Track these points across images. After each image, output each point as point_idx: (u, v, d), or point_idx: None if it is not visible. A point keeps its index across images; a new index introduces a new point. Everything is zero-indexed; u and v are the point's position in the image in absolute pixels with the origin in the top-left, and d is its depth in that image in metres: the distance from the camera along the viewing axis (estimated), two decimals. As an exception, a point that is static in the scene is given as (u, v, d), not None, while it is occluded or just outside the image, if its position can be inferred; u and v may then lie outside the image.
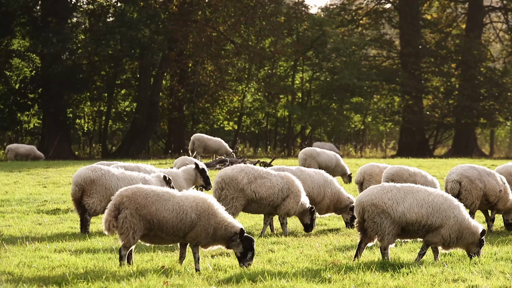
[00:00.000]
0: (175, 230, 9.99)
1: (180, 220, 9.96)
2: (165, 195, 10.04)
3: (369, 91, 54.64)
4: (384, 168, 17.39)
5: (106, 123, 52.84)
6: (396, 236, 10.69)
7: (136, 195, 9.90)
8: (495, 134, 67.68)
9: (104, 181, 13.77)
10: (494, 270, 10.08)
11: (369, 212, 10.60)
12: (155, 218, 9.88)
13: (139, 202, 9.87)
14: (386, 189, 10.67)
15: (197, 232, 10.05)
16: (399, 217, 10.51)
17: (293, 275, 9.63)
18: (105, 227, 9.94)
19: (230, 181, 13.48)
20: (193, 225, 10.03)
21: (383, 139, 69.43)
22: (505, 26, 60.40)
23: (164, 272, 9.82)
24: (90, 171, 13.88)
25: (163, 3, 48.85)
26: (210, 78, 50.15)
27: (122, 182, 13.84)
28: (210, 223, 10.09)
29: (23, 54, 48.02)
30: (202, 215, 10.06)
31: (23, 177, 25.60)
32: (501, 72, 56.51)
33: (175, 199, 10.05)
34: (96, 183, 13.69)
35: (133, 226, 9.81)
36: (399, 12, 57.63)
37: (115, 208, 9.90)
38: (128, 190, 10.03)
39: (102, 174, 13.82)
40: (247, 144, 59.40)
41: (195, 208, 10.06)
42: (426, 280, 9.53)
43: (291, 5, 53.41)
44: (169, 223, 9.92)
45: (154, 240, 10.20)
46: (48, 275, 9.57)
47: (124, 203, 9.86)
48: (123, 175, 14.05)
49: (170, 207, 9.97)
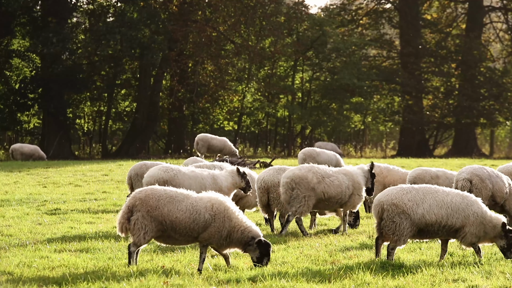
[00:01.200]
0: (188, 231, 10.01)
1: (193, 221, 9.98)
2: (179, 196, 10.07)
3: (369, 91, 54.62)
4: (384, 168, 17.38)
5: (106, 123, 52.83)
6: (411, 237, 10.72)
7: (148, 197, 9.94)
8: (495, 134, 67.66)
9: (177, 181, 13.98)
10: (494, 270, 10.08)
11: (389, 212, 10.60)
12: (167, 219, 9.91)
13: (151, 204, 9.90)
14: (405, 190, 10.70)
15: (210, 233, 10.06)
16: (418, 219, 10.53)
17: (293, 275, 9.63)
18: (119, 228, 10.00)
19: (300, 180, 13.62)
20: (206, 226, 10.04)
21: (383, 139, 69.42)
22: (505, 26, 60.39)
23: (164, 272, 9.82)
24: (162, 171, 14.13)
25: (163, 3, 48.85)
26: (210, 78, 50.15)
27: (194, 181, 14.08)
28: (225, 225, 10.09)
29: (23, 54, 48.02)
30: (217, 217, 10.07)
31: (23, 177, 25.60)
32: (501, 72, 56.49)
33: (189, 200, 10.08)
34: (169, 183, 13.83)
35: (144, 227, 9.86)
36: (399, 12, 57.62)
37: (128, 210, 9.97)
38: (141, 192, 10.07)
39: (174, 174, 14.06)
40: (247, 144, 59.39)
41: (209, 209, 10.08)
42: (426, 280, 9.53)
43: (291, 5, 53.41)
44: (181, 224, 9.95)
45: (168, 240, 10.24)
46: (48, 275, 9.57)
47: (137, 206, 9.92)
48: (194, 173, 14.28)
49: (184, 208, 9.99)
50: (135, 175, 16.67)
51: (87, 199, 19.29)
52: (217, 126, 57.02)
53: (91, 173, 27.44)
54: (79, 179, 25.00)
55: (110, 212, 17.00)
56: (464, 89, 54.98)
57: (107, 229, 13.99)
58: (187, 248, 11.78)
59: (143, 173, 16.50)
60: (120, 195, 20.32)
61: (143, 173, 16.50)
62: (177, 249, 11.79)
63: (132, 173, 16.76)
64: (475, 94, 54.65)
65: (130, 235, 10.01)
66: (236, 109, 54.01)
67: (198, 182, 14.03)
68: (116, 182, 24.19)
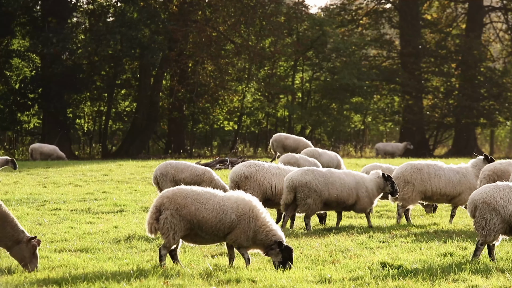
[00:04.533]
0: (214, 230, 10.01)
1: (219, 221, 9.99)
2: (205, 194, 10.07)
3: (369, 91, 54.63)
4: (386, 168, 17.29)
5: (106, 123, 52.81)
6: (501, 233, 10.86)
7: (176, 196, 9.95)
8: (495, 134, 67.69)
9: (258, 177, 14.25)
10: (494, 270, 10.08)
11: (480, 210, 10.76)
12: (195, 218, 9.91)
13: (179, 202, 9.91)
14: (499, 188, 10.85)
15: (236, 234, 10.07)
16: (509, 216, 10.66)
17: (293, 275, 9.62)
18: (148, 229, 10.00)
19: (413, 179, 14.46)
20: (232, 227, 10.04)
21: (383, 139, 69.41)
22: (505, 26, 60.39)
23: (164, 272, 9.82)
24: (244, 167, 14.52)
25: (163, 3, 48.85)
26: (210, 78, 50.14)
27: (277, 178, 14.37)
28: (250, 226, 10.07)
29: (23, 54, 48.02)
30: (243, 218, 10.07)
31: (23, 177, 25.59)
32: (501, 72, 56.50)
33: (216, 199, 10.08)
34: (250, 179, 14.13)
35: (174, 226, 9.87)
36: (399, 12, 57.62)
37: (156, 210, 9.96)
38: (169, 191, 10.08)
39: (256, 171, 14.37)
40: (247, 144, 59.36)
41: (235, 209, 10.07)
42: (426, 280, 9.53)
43: (291, 5, 53.41)
44: (208, 223, 9.94)
45: (195, 240, 10.23)
46: (48, 275, 9.56)
47: (165, 204, 9.92)
48: (278, 170, 14.56)
49: (211, 207, 9.99)
50: (161, 174, 17.01)
51: (87, 199, 19.29)
52: (217, 126, 57.00)
53: (91, 173, 27.44)
54: (79, 179, 25.00)
55: (110, 212, 17.00)
56: (464, 89, 54.99)
57: (107, 229, 13.99)
58: (187, 248, 11.78)
59: (168, 172, 16.91)
60: (120, 195, 20.32)
61: (168, 172, 16.91)
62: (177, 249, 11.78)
63: (158, 173, 17.08)
64: (475, 94, 54.65)
65: (159, 235, 10.00)
66: (236, 109, 54.00)
67: (282, 179, 14.36)
68: (116, 182, 24.18)
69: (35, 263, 9.83)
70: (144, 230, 13.62)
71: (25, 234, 9.86)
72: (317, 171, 14.28)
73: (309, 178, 14.06)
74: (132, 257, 11.00)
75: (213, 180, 17.16)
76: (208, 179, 17.16)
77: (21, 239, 9.80)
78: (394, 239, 12.98)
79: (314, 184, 14.05)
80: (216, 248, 11.75)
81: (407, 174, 15.37)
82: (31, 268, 9.76)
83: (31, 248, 9.82)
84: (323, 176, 14.19)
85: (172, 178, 17.10)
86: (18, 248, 9.76)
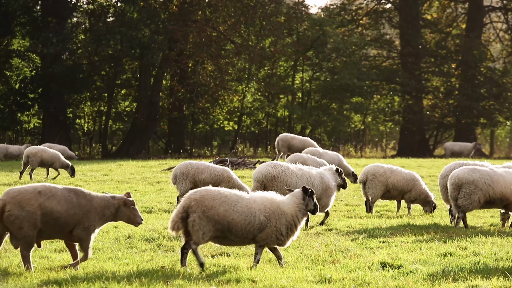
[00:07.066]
0: (244, 233, 10.04)
1: (249, 223, 10.02)
2: (233, 197, 10.09)
3: (369, 91, 54.64)
4: (388, 169, 17.29)
5: (106, 123, 52.83)
6: None
7: (203, 198, 9.95)
8: (495, 134, 67.68)
9: (284, 177, 14.48)
10: (494, 270, 10.08)
11: None
12: (224, 220, 9.93)
13: (206, 204, 9.92)
14: None
15: (267, 233, 10.12)
16: None
17: (293, 275, 9.63)
18: (171, 226, 9.99)
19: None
20: (262, 228, 10.08)
21: (383, 139, 69.42)
22: (505, 26, 60.39)
23: (164, 272, 9.82)
24: (270, 167, 14.71)
25: (163, 3, 48.84)
26: (210, 78, 50.13)
27: (300, 180, 14.53)
28: (282, 222, 10.14)
29: (23, 54, 48.02)
30: (272, 217, 10.11)
31: (23, 177, 25.59)
32: (501, 72, 56.50)
33: (243, 201, 10.10)
34: (277, 179, 14.34)
35: (202, 228, 9.87)
36: (399, 12, 57.62)
37: (183, 210, 9.96)
38: (196, 193, 10.07)
39: (282, 171, 14.60)
40: (247, 144, 59.39)
41: (263, 210, 10.11)
42: (426, 280, 9.53)
43: (291, 5, 53.41)
44: (238, 226, 9.97)
45: (224, 242, 10.27)
46: (48, 275, 9.57)
47: (192, 207, 9.92)
48: (301, 172, 14.74)
49: (239, 209, 10.01)
50: (181, 174, 17.22)
51: (87, 199, 19.23)
52: (217, 126, 57.00)
53: (91, 173, 27.43)
54: (79, 179, 25.00)
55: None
56: (464, 89, 54.99)
57: (107, 229, 13.99)
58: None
59: (189, 173, 17.03)
60: (120, 195, 20.28)
61: (189, 173, 17.03)
62: (177, 249, 11.79)
63: (178, 172, 17.26)
64: (475, 94, 54.65)
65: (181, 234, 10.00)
66: (236, 109, 54.00)
67: (305, 180, 14.51)
68: (116, 182, 24.18)
69: (138, 215, 10.31)
70: (144, 230, 13.64)
71: (117, 199, 10.22)
72: (482, 170, 14.60)
73: (475, 177, 14.37)
74: (132, 257, 11.00)
75: (231, 179, 17.30)
76: (226, 179, 17.29)
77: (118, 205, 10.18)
78: (394, 239, 12.98)
79: (481, 183, 14.36)
80: (216, 248, 11.75)
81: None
82: (138, 221, 10.31)
83: (129, 206, 10.21)
84: (488, 175, 14.50)
85: (192, 178, 17.23)
86: (120, 213, 10.20)
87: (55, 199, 9.72)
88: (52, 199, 9.71)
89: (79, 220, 9.86)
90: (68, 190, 9.92)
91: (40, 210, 9.59)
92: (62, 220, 9.74)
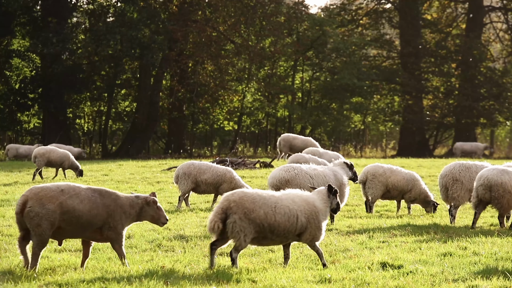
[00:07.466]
0: (285, 233, 10.09)
1: (292, 223, 10.07)
2: (271, 198, 10.10)
3: (369, 91, 54.65)
4: (388, 169, 17.29)
5: (106, 123, 52.83)
6: None
7: (243, 200, 9.94)
8: (495, 134, 67.68)
9: (298, 180, 14.51)
10: (494, 270, 10.08)
11: None
12: (265, 222, 9.94)
13: (247, 206, 9.92)
14: None
15: (311, 232, 10.21)
16: None
17: (293, 275, 9.63)
18: (210, 227, 9.95)
19: None
20: (303, 227, 10.15)
21: (383, 139, 69.42)
22: (505, 26, 60.40)
23: (164, 272, 9.82)
24: (284, 171, 14.77)
25: (163, 3, 48.83)
26: (210, 78, 50.13)
27: (316, 180, 14.60)
28: (319, 219, 10.23)
29: (23, 54, 48.03)
30: (311, 217, 10.19)
31: (23, 177, 25.60)
32: (501, 72, 56.51)
33: (282, 201, 10.12)
34: (291, 182, 14.36)
35: (244, 230, 9.87)
36: (399, 12, 57.63)
37: (222, 212, 9.93)
38: (235, 195, 10.06)
39: (295, 174, 14.65)
40: (247, 144, 59.38)
41: (304, 212, 10.18)
42: (426, 280, 9.53)
43: (291, 5, 53.41)
44: (281, 227, 10.00)
45: (262, 242, 10.28)
46: (48, 275, 9.57)
47: (232, 208, 9.90)
48: (316, 172, 14.80)
49: (280, 210, 10.03)
50: (183, 174, 17.23)
51: (87, 199, 19.23)
52: (217, 126, 56.99)
53: (91, 173, 27.43)
54: (79, 179, 25.00)
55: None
56: (464, 89, 54.99)
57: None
58: (187, 248, 11.79)
59: (191, 173, 17.03)
60: (120, 195, 20.27)
61: (191, 173, 17.03)
62: (177, 249, 11.79)
63: (180, 172, 17.26)
64: (475, 94, 54.65)
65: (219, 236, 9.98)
66: (236, 109, 54.00)
67: (321, 180, 14.61)
68: (116, 182, 24.17)
69: (163, 215, 10.29)
70: (144, 230, 13.64)
71: (141, 198, 10.22)
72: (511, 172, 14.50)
73: (505, 179, 14.25)
74: (132, 257, 11.00)
75: (233, 180, 17.29)
76: (228, 179, 17.29)
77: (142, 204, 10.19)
78: (394, 239, 12.98)
79: (509, 185, 14.23)
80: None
81: (456, 172, 15.52)
82: (162, 221, 10.29)
83: (152, 205, 10.22)
84: None
85: (194, 179, 17.22)
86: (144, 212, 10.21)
87: (77, 198, 9.77)
88: (74, 197, 9.76)
89: (104, 220, 9.91)
90: (93, 190, 9.97)
91: (60, 208, 9.63)
92: (84, 219, 9.77)
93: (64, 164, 25.56)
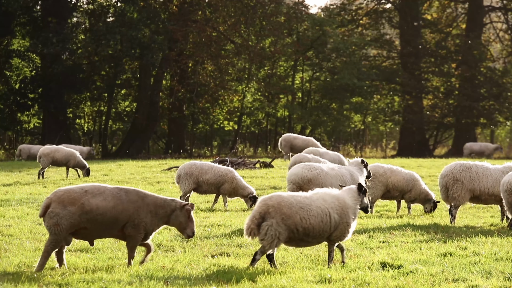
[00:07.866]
0: (321, 233, 10.12)
1: (325, 224, 10.09)
2: (305, 201, 10.11)
3: (369, 91, 54.65)
4: (388, 169, 17.30)
5: (106, 123, 52.83)
6: None
7: (281, 205, 9.92)
8: (495, 134, 67.69)
9: (320, 180, 14.83)
10: (494, 270, 10.08)
11: None
12: (300, 226, 9.95)
13: (285, 212, 9.90)
14: None
15: (341, 230, 10.25)
16: None
17: (293, 275, 9.63)
18: (246, 232, 9.94)
19: None
20: (336, 225, 10.19)
21: (383, 139, 69.43)
22: (505, 26, 60.41)
23: (164, 272, 9.82)
24: (307, 170, 15.04)
25: (163, 3, 48.84)
26: (210, 78, 50.14)
27: (335, 180, 14.89)
28: (349, 216, 10.29)
29: (23, 54, 48.03)
30: (342, 214, 10.24)
31: (23, 177, 25.61)
32: (501, 72, 56.52)
33: (315, 203, 10.14)
34: (313, 182, 14.66)
35: (278, 235, 9.86)
36: (399, 12, 57.64)
37: (260, 216, 9.90)
38: (272, 199, 10.04)
39: (318, 174, 14.97)
40: (247, 144, 59.38)
41: (335, 209, 10.20)
42: (426, 280, 9.53)
43: (291, 5, 53.42)
44: (316, 229, 10.03)
45: (300, 244, 10.32)
46: (48, 275, 9.56)
47: (270, 213, 9.88)
48: (334, 172, 15.10)
49: (315, 213, 10.05)
50: (185, 174, 17.27)
51: (87, 199, 19.22)
52: (217, 126, 56.99)
53: (91, 173, 27.43)
54: (79, 179, 25.00)
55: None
56: (464, 89, 55.00)
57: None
58: (187, 248, 11.78)
59: (193, 173, 17.09)
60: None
61: (193, 173, 17.09)
62: (177, 249, 11.79)
63: (182, 172, 17.30)
64: (475, 94, 54.66)
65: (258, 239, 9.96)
66: (236, 109, 54.00)
67: (339, 179, 14.85)
68: (116, 182, 24.17)
69: (192, 227, 10.21)
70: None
71: (176, 202, 10.17)
72: None
73: None
74: (132, 257, 10.98)
75: (235, 180, 17.32)
76: (230, 179, 17.32)
77: (174, 207, 10.11)
78: (394, 239, 12.98)
79: None
80: (216, 248, 11.76)
81: (456, 172, 15.51)
82: (188, 232, 10.18)
83: (185, 213, 10.14)
84: None
85: (196, 179, 17.24)
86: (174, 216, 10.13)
87: (101, 196, 9.80)
88: (98, 196, 9.79)
89: (129, 215, 9.89)
90: (119, 189, 10.00)
91: (81, 209, 9.66)
92: (108, 215, 9.78)
93: (69, 163, 25.61)
